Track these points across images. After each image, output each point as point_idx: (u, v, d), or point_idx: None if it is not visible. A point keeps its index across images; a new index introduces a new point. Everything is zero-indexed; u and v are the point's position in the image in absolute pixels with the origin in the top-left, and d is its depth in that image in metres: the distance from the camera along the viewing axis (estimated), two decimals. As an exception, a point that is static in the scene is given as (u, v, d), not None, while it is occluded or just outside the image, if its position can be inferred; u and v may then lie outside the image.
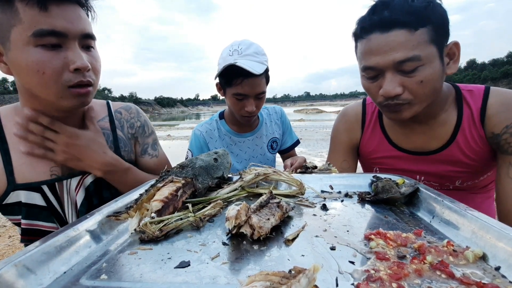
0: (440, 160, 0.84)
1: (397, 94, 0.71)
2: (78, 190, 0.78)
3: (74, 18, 0.65)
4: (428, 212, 0.54)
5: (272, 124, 1.33)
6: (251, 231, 0.45)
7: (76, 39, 0.66)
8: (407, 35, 0.67)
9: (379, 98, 0.76)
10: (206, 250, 0.43)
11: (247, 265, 0.39)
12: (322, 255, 0.40)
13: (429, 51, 0.69)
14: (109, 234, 0.50)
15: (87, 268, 0.40)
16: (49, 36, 0.62)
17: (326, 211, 0.57)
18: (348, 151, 1.03)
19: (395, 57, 0.68)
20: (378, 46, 0.71)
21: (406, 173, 0.88)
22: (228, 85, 1.08)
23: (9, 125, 0.74)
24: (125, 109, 0.93)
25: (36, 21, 0.60)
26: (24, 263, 0.36)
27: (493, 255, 0.38)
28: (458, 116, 0.82)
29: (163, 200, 0.54)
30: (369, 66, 0.74)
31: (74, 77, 0.66)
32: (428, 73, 0.69)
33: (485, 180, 0.87)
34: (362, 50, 0.76)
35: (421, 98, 0.72)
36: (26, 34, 0.60)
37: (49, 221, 0.75)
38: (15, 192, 0.71)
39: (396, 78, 0.71)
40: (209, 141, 1.24)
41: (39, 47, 0.62)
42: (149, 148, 0.96)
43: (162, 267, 0.39)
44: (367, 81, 0.78)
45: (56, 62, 0.63)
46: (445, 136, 0.83)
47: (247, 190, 0.68)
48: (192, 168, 0.64)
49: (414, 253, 0.40)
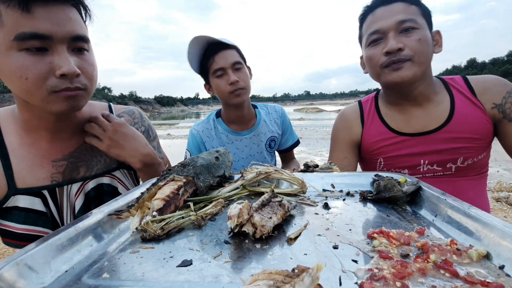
0: (441, 138, 0.91)
1: (399, 48, 0.83)
2: (78, 196, 0.77)
3: (61, 20, 0.61)
4: (430, 211, 0.54)
5: (271, 122, 1.32)
6: (253, 230, 0.44)
7: (65, 42, 0.62)
8: (405, 5, 0.86)
9: (382, 58, 0.87)
10: (208, 249, 0.43)
11: (250, 263, 0.39)
12: (325, 253, 0.40)
13: (422, 22, 0.86)
14: (110, 233, 0.50)
15: (89, 267, 0.40)
16: (32, 39, 0.58)
17: (328, 209, 0.57)
18: (348, 148, 1.06)
19: (397, 17, 0.84)
20: (382, 14, 0.87)
21: (410, 157, 0.94)
22: (206, 72, 1.14)
23: (8, 129, 0.72)
24: (128, 114, 0.92)
25: (18, 24, 0.57)
26: (26, 261, 0.36)
27: (497, 254, 0.37)
28: (450, 97, 0.93)
29: (164, 198, 0.54)
30: (375, 30, 0.88)
31: (61, 83, 0.62)
32: (424, 35, 0.85)
33: (483, 160, 0.93)
34: (368, 23, 0.91)
35: (419, 56, 0.84)
36: (9, 38, 0.57)
37: (47, 227, 0.74)
38: (16, 196, 0.70)
39: (398, 37, 0.85)
40: (206, 140, 1.24)
41: (23, 51, 0.58)
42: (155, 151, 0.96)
43: (164, 265, 0.39)
44: (371, 49, 0.91)
45: (40, 67, 0.60)
46: (443, 114, 0.91)
47: (249, 189, 0.67)
48: (193, 166, 0.64)
49: (417, 252, 0.39)
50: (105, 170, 0.82)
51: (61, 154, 0.76)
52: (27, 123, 0.72)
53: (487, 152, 0.93)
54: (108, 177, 0.82)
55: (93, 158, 0.80)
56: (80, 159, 0.78)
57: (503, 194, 3.41)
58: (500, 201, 3.28)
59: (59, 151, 0.76)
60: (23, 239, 0.73)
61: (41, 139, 0.74)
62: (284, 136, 1.36)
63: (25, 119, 0.72)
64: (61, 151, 0.76)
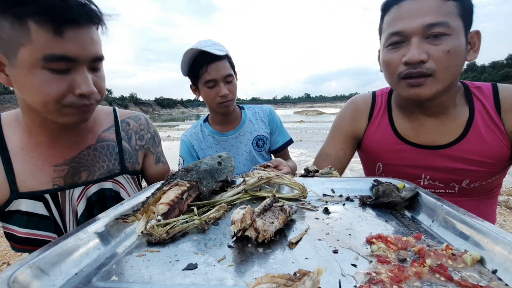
0: (450, 155, 0.81)
1: (422, 61, 0.69)
2: (80, 200, 0.78)
3: (87, 42, 0.63)
4: (427, 216, 0.55)
5: (257, 121, 1.34)
6: (255, 234, 0.46)
7: (86, 63, 0.64)
8: (439, 2, 0.68)
9: (401, 68, 0.74)
10: (212, 253, 0.44)
11: (253, 267, 0.40)
12: (325, 258, 0.42)
13: (457, 24, 0.69)
14: (117, 237, 0.52)
15: (97, 270, 0.41)
16: (60, 61, 0.60)
17: (328, 214, 0.58)
18: (347, 140, 1.00)
19: (425, 20, 0.68)
20: (408, 10, 0.71)
21: (412, 169, 0.87)
22: (196, 78, 1.15)
23: (10, 134, 0.74)
24: (134, 120, 0.93)
25: (48, 45, 0.58)
26: (38, 264, 0.38)
27: (490, 258, 0.39)
28: (470, 112, 0.80)
29: (169, 203, 0.55)
30: (396, 31, 0.73)
31: (78, 100, 0.64)
32: (455, 44, 0.69)
33: (493, 183, 0.85)
34: (391, 18, 0.75)
35: (444, 71, 0.70)
36: (36, 56, 0.58)
37: (49, 231, 0.76)
38: (18, 200, 0.72)
39: (422, 44, 0.70)
40: (194, 143, 1.29)
41: (46, 69, 0.60)
42: (161, 156, 1.00)
43: (171, 269, 0.40)
44: (390, 52, 0.76)
45: (62, 85, 0.62)
46: (456, 131, 0.81)
47: (250, 193, 0.69)
48: (196, 171, 0.66)
49: (414, 257, 0.41)
50: (108, 175, 0.83)
51: (63, 159, 0.77)
52: (30, 128, 0.74)
53: (500, 175, 0.84)
54: (110, 182, 0.83)
55: (96, 164, 0.81)
56: (82, 164, 0.79)
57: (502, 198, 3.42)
58: (500, 204, 3.29)
59: (60, 156, 0.77)
60: (25, 243, 0.74)
61: (44, 144, 0.75)
62: (273, 135, 1.37)
63: (28, 124, 0.73)
64: (63, 156, 0.77)
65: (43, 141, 0.75)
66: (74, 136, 0.79)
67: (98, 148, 0.83)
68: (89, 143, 0.82)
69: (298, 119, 23.60)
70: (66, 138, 0.78)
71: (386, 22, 0.78)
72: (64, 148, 0.78)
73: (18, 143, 0.74)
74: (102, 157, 0.83)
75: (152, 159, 0.96)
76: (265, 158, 1.36)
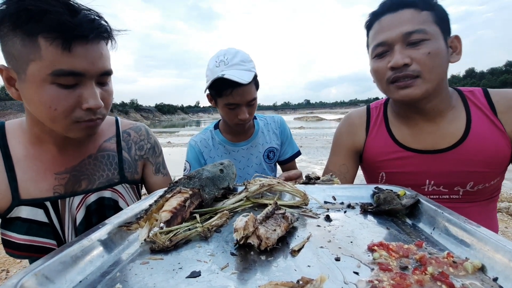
0: (453, 159, 0.83)
1: (406, 64, 0.76)
2: (79, 208, 0.79)
3: (95, 58, 0.64)
4: (428, 224, 0.55)
5: (269, 133, 1.32)
6: (258, 242, 0.46)
7: (94, 77, 0.65)
8: (414, 13, 0.77)
9: (388, 73, 0.80)
10: (215, 260, 0.45)
11: (255, 275, 0.40)
12: (328, 265, 0.42)
13: (434, 29, 0.76)
14: (120, 244, 0.52)
15: (101, 277, 0.41)
16: (68, 76, 0.61)
17: (329, 222, 0.59)
18: (349, 155, 1.01)
19: (403, 29, 0.76)
20: (388, 23, 0.79)
21: (414, 175, 0.87)
22: (218, 96, 1.10)
23: (15, 142, 0.75)
24: (134, 130, 0.94)
25: (57, 61, 0.59)
26: (43, 272, 0.38)
27: (491, 266, 0.39)
28: (467, 114, 0.84)
29: (171, 210, 0.56)
30: (380, 41, 0.80)
31: (86, 114, 0.66)
32: (435, 47, 0.75)
33: (494, 186, 0.85)
34: (374, 32, 0.83)
35: (430, 72, 0.76)
36: (45, 72, 0.60)
37: (48, 238, 0.76)
38: (19, 207, 0.72)
39: (404, 50, 0.77)
40: (203, 151, 1.26)
41: (54, 84, 0.61)
42: (161, 167, 0.99)
43: (174, 276, 0.40)
44: (376, 61, 0.83)
45: (70, 100, 0.63)
46: (456, 133, 0.83)
47: (252, 201, 0.69)
48: (199, 179, 0.66)
49: (415, 264, 0.41)
50: (107, 184, 0.83)
51: (64, 167, 0.78)
52: (35, 137, 0.75)
53: (501, 177, 0.85)
54: (109, 190, 0.84)
55: (96, 172, 0.82)
56: (83, 173, 0.80)
57: (503, 204, 3.41)
58: (501, 211, 3.28)
59: (62, 164, 0.78)
60: (24, 250, 0.74)
61: (47, 152, 0.76)
62: (283, 146, 1.35)
63: (33, 133, 0.74)
64: (64, 164, 0.78)
65: (46, 150, 0.76)
66: (77, 146, 0.80)
67: (98, 157, 0.83)
68: (90, 152, 0.83)
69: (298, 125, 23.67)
70: (69, 147, 0.79)
71: (371, 36, 0.85)
72: (66, 157, 0.79)
73: (22, 151, 0.75)
74: (102, 166, 0.83)
75: (151, 169, 0.96)
76: (273, 169, 1.36)
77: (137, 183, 0.93)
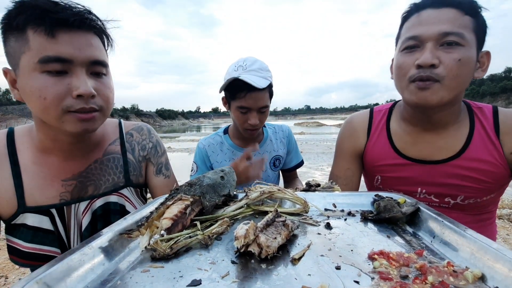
0: (447, 171, 0.84)
1: (433, 64, 0.73)
2: (85, 214, 0.79)
3: (82, 45, 0.65)
4: (428, 232, 0.55)
5: (277, 141, 1.35)
6: (258, 250, 0.46)
7: (84, 66, 0.66)
8: (457, 14, 0.73)
9: (412, 71, 0.77)
10: (216, 269, 0.45)
11: (256, 283, 0.40)
12: (328, 274, 0.42)
13: (471, 37, 0.74)
14: (121, 252, 0.52)
15: (102, 285, 0.41)
16: (54, 62, 0.62)
17: (330, 229, 0.59)
18: (352, 158, 1.02)
19: (442, 28, 0.73)
20: (428, 18, 0.76)
21: (407, 181, 0.88)
22: (232, 98, 1.13)
23: (23, 148, 0.75)
24: (136, 130, 0.94)
25: (43, 48, 0.61)
26: (45, 280, 0.38)
27: (491, 276, 0.39)
28: (470, 130, 0.83)
29: (172, 218, 0.56)
30: (413, 35, 0.77)
31: (77, 103, 0.65)
32: (466, 55, 0.73)
33: (488, 201, 0.86)
34: (410, 24, 0.79)
35: (452, 79, 0.73)
36: (33, 61, 0.61)
37: (53, 246, 0.76)
38: (24, 214, 0.72)
39: (436, 50, 0.74)
40: (210, 155, 1.28)
41: (44, 73, 0.62)
42: (163, 167, 0.97)
43: (175, 285, 0.40)
44: (404, 56, 0.80)
45: (59, 88, 0.63)
46: (454, 148, 0.83)
47: (253, 208, 0.69)
48: (200, 186, 0.67)
49: (416, 273, 0.41)
50: (113, 188, 0.84)
51: (71, 174, 0.78)
52: (42, 143, 0.75)
53: (497, 193, 0.85)
54: (115, 195, 0.84)
55: (102, 177, 0.82)
56: (89, 179, 0.80)
57: (505, 211, 3.39)
58: (502, 218, 3.26)
59: (69, 171, 0.78)
60: (29, 258, 0.74)
61: (54, 159, 0.76)
62: (289, 155, 1.39)
63: (40, 139, 0.74)
64: (72, 171, 0.78)
65: (54, 156, 0.76)
66: (83, 151, 0.80)
67: (104, 161, 0.84)
68: (97, 157, 0.83)
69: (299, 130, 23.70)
70: (76, 153, 0.78)
71: (405, 28, 0.81)
72: (73, 163, 0.79)
73: (30, 158, 0.75)
74: (108, 170, 0.83)
75: (152, 170, 0.94)
76: (277, 176, 1.39)
77: (141, 187, 0.93)
